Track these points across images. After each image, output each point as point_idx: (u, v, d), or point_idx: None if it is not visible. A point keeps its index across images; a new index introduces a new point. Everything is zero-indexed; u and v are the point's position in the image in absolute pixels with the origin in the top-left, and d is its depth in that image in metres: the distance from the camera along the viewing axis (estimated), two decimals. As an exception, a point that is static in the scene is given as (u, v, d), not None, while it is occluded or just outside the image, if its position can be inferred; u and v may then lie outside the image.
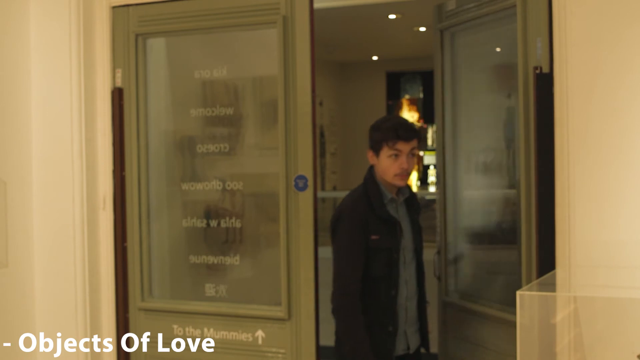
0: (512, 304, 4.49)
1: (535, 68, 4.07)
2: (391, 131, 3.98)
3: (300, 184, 4.62)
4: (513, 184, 4.56)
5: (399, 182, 4.03)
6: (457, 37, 4.88)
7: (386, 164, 4.02)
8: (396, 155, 3.98)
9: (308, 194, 4.63)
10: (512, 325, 3.23)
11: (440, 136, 4.84)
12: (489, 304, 4.58)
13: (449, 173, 4.92)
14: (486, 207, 4.87)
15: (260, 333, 4.74)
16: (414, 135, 4.03)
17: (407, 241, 4.10)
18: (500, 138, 4.73)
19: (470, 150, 4.90)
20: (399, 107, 9.76)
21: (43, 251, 5.00)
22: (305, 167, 4.64)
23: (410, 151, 4.00)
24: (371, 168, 4.15)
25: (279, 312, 4.69)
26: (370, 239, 3.97)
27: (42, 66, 5.04)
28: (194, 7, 4.94)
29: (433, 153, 4.97)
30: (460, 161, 4.92)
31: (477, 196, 4.93)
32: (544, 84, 4.04)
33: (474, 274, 4.94)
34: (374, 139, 4.07)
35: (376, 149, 4.06)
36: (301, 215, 4.64)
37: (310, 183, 4.62)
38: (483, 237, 4.91)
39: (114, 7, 5.10)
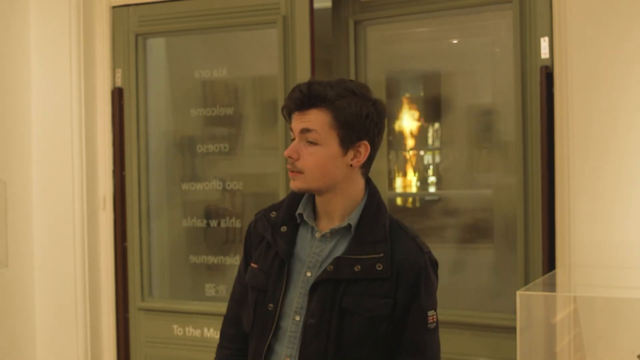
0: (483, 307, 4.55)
1: (544, 67, 4.07)
2: (286, 99, 2.61)
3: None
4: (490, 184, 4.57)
5: (290, 185, 2.58)
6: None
7: None
8: (293, 139, 2.58)
9: (308, 194, 4.62)
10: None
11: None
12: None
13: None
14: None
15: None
16: (309, 101, 2.52)
17: (298, 302, 2.58)
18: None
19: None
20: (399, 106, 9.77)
21: (43, 251, 5.00)
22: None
23: (302, 131, 2.53)
24: None
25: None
26: (249, 266, 2.70)
27: (42, 66, 5.04)
28: (194, 7, 4.94)
29: (434, 152, 4.94)
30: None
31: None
32: (549, 83, 4.05)
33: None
34: None
35: None
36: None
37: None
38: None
39: (113, 7, 5.10)
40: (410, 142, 4.99)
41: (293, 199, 2.67)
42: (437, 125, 4.98)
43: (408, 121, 4.96)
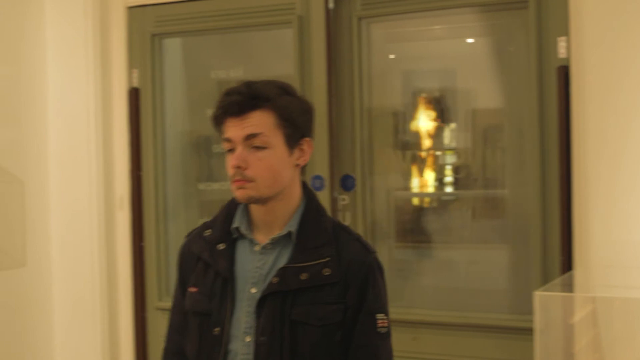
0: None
1: (561, 67, 4.06)
2: (217, 105, 2.42)
3: (316, 184, 4.61)
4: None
5: (237, 195, 2.41)
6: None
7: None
8: (230, 150, 2.40)
9: (324, 194, 4.62)
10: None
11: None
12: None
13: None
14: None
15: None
16: (252, 102, 2.37)
17: (246, 321, 2.42)
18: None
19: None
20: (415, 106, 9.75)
21: (61, 250, 5.02)
22: (321, 167, 4.63)
23: (247, 137, 2.35)
24: None
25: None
26: (187, 291, 2.54)
27: (59, 66, 5.05)
28: (210, 7, 4.94)
29: (450, 152, 4.93)
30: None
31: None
32: (566, 83, 4.04)
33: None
34: None
35: None
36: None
37: (326, 183, 4.61)
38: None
39: (130, 8, 5.11)
40: (426, 142, 4.97)
41: (227, 214, 2.53)
42: (453, 125, 4.97)
43: (424, 121, 4.95)
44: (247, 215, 2.50)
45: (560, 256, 4.10)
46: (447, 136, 4.96)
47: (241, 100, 2.36)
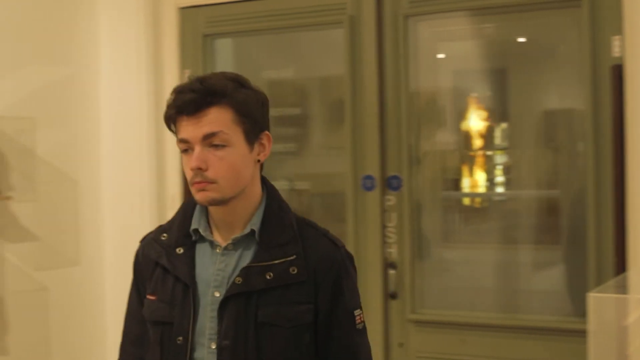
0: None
1: (615, 67, 4.02)
2: (170, 104, 2.28)
3: (367, 183, 4.61)
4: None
5: (198, 198, 2.28)
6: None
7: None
8: (186, 150, 2.27)
9: (375, 194, 4.62)
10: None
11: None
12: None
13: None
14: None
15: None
16: (207, 99, 2.23)
17: (210, 327, 2.29)
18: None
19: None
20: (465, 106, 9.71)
21: (113, 249, 5.06)
22: (372, 167, 4.63)
23: (205, 137, 2.22)
24: None
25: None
26: (146, 299, 2.42)
27: (112, 67, 5.10)
28: (261, 8, 4.95)
29: (501, 152, 4.90)
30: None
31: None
32: (620, 82, 4.01)
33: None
34: None
35: None
36: (368, 215, 4.64)
37: (377, 183, 4.61)
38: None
39: (181, 8, 5.14)
40: (476, 142, 4.95)
41: (184, 215, 2.40)
42: (504, 125, 4.95)
43: (474, 121, 4.94)
44: (206, 215, 2.38)
45: (614, 257, 4.06)
46: (498, 136, 4.93)
47: (196, 97, 2.22)
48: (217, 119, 2.22)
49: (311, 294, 2.28)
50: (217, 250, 2.33)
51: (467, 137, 4.93)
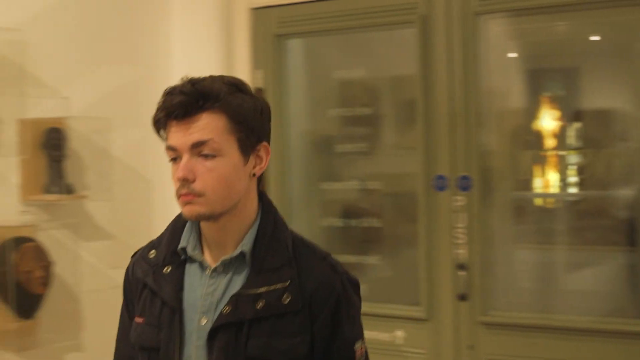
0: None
1: None
2: (159, 106, 2.11)
3: (439, 184, 4.60)
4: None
5: (184, 212, 2.08)
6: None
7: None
8: (174, 159, 2.09)
9: (446, 195, 4.60)
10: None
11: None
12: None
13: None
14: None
15: (399, 333, 4.74)
16: (198, 103, 2.03)
17: (197, 357, 2.09)
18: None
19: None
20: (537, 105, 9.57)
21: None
22: (443, 167, 4.62)
23: (194, 145, 2.03)
24: None
25: (418, 312, 4.68)
26: (134, 322, 2.21)
27: (184, 67, 5.10)
28: (332, 8, 4.96)
29: (574, 152, 4.85)
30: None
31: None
32: None
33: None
34: None
35: None
36: (440, 216, 4.63)
37: (449, 183, 4.59)
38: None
39: (253, 9, 5.17)
40: (549, 142, 4.91)
41: (174, 232, 2.19)
42: (577, 124, 4.90)
43: (547, 120, 4.89)
44: (198, 232, 2.16)
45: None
46: (571, 136, 4.88)
47: (186, 100, 2.01)
48: (209, 125, 2.01)
49: (306, 325, 2.06)
50: (207, 272, 2.11)
51: (539, 136, 4.89)
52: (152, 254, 2.18)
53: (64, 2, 4.61)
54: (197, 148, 2.01)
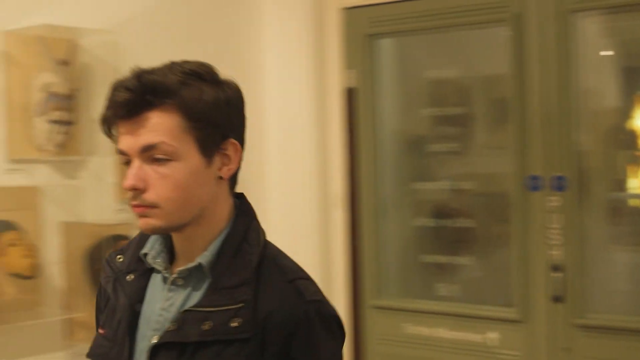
0: None
1: None
2: (105, 104, 1.80)
3: (533, 184, 4.54)
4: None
5: (139, 225, 1.81)
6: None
7: None
8: (127, 163, 1.79)
9: (541, 194, 4.54)
10: None
11: None
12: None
13: None
14: None
15: (491, 334, 4.70)
16: (144, 100, 1.74)
17: None
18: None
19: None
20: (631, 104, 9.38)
21: (281, 249, 5.14)
22: (536, 167, 4.56)
23: (143, 149, 1.75)
24: None
25: (512, 313, 4.63)
26: (97, 332, 1.97)
27: (276, 68, 5.19)
28: (423, 7, 4.95)
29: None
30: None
31: None
32: None
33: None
34: None
35: None
36: (533, 216, 4.57)
37: (543, 183, 4.53)
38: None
39: (344, 9, 5.18)
40: (645, 141, 4.82)
41: (143, 235, 1.92)
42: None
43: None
44: (167, 238, 1.91)
45: None
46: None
47: (130, 97, 1.72)
48: (159, 126, 1.73)
49: (256, 356, 1.74)
50: (168, 284, 1.86)
51: (633, 136, 4.80)
52: (120, 258, 1.93)
53: (157, 5, 4.68)
54: (147, 152, 1.74)
